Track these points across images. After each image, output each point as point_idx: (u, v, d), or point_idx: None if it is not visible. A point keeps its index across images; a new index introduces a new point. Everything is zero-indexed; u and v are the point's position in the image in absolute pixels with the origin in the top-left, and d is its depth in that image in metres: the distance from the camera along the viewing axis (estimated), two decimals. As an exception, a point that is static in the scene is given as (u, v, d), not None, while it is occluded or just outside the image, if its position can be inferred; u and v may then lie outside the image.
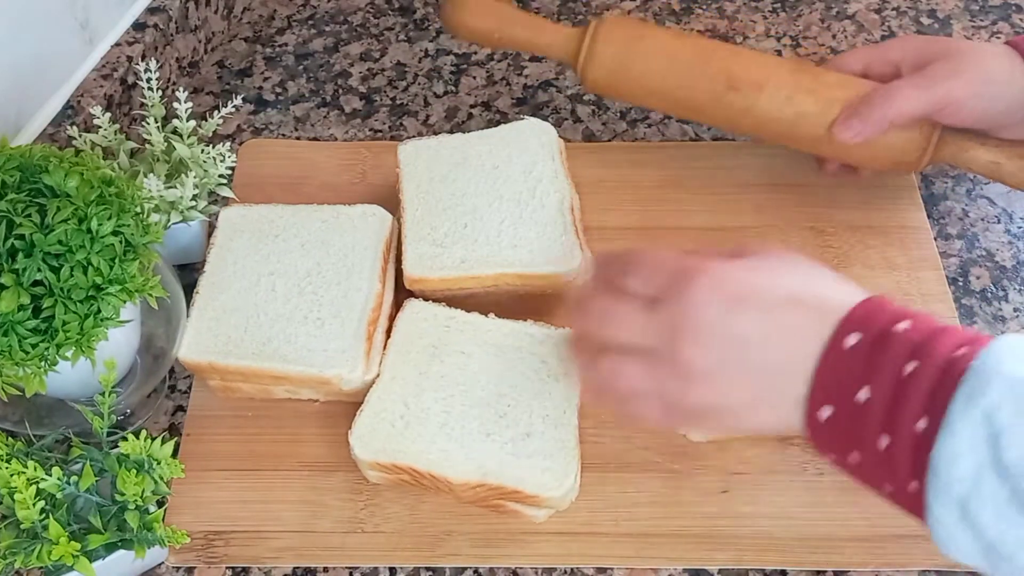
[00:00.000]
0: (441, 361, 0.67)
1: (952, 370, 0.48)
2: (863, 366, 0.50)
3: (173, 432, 0.71)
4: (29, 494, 0.58)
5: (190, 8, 0.91)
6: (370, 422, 0.65)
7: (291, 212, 0.74)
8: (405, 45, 0.96)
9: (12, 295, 0.56)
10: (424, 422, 0.65)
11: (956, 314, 0.76)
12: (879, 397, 0.49)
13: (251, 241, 0.72)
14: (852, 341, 0.51)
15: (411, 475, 0.64)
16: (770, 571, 0.65)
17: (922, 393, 0.48)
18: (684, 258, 0.57)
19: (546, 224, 0.72)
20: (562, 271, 0.71)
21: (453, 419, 0.65)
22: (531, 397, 0.65)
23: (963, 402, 0.47)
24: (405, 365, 0.67)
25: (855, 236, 0.81)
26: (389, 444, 0.64)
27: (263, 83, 0.93)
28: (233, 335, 0.68)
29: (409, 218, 0.73)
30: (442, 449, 0.64)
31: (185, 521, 0.66)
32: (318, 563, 0.66)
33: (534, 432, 0.64)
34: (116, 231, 0.60)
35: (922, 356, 0.49)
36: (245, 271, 0.71)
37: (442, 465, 0.63)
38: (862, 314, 0.52)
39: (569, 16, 0.99)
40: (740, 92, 0.76)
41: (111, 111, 0.81)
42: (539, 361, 0.67)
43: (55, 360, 0.59)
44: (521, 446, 0.64)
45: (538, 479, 0.62)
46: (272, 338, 0.68)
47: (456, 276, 0.71)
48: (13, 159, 0.60)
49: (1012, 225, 0.83)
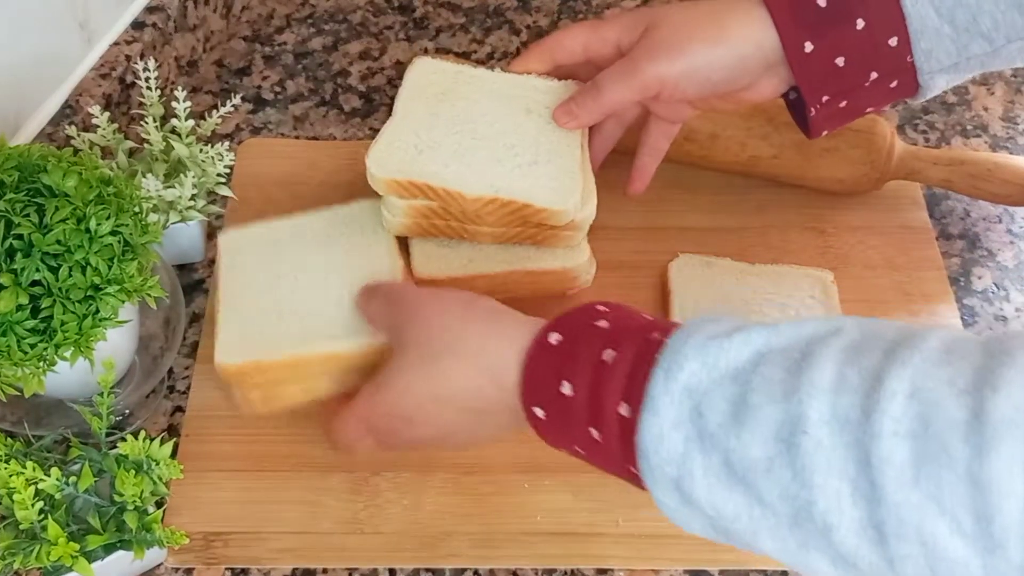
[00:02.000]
0: (451, 104, 0.70)
1: (647, 351, 0.48)
2: (563, 360, 0.51)
3: (172, 433, 0.71)
4: (28, 494, 0.58)
5: (189, 7, 0.91)
6: (386, 148, 0.68)
7: (289, 225, 0.71)
8: (405, 44, 0.96)
9: (10, 295, 0.56)
10: (437, 150, 0.68)
11: (958, 314, 0.76)
12: (581, 387, 0.50)
13: (257, 255, 0.70)
14: (554, 339, 0.52)
15: (426, 195, 0.67)
16: (771, 572, 0.65)
17: (620, 377, 0.48)
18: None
19: None
20: (570, 266, 0.71)
21: (464, 148, 0.68)
22: (536, 133, 0.69)
23: (662, 379, 0.47)
24: (416, 107, 0.70)
25: (855, 236, 0.81)
26: (404, 166, 0.67)
27: (262, 82, 0.93)
28: (268, 329, 0.65)
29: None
30: (455, 172, 0.67)
31: (184, 522, 0.66)
32: (318, 564, 0.65)
33: (540, 160, 0.68)
34: (115, 231, 0.59)
35: (617, 344, 0.50)
36: (261, 276, 0.68)
37: (457, 183, 0.66)
38: (565, 316, 0.54)
39: (570, 15, 0.99)
40: (696, 143, 0.80)
41: (110, 110, 0.80)
42: (544, 107, 0.70)
43: (54, 360, 0.59)
44: (528, 170, 0.67)
45: (546, 195, 0.66)
46: (310, 321, 0.65)
47: (464, 275, 0.71)
48: (11, 159, 0.60)
49: (1014, 225, 0.83)
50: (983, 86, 0.92)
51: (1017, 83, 0.93)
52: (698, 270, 0.77)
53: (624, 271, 0.78)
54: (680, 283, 0.76)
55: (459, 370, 0.55)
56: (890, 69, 0.64)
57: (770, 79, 0.66)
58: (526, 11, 0.99)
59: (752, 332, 0.47)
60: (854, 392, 0.43)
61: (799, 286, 0.76)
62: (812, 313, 0.74)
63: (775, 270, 0.77)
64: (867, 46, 0.63)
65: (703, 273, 0.77)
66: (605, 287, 0.77)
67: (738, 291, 0.76)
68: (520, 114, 0.70)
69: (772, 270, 0.77)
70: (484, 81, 0.72)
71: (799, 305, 0.75)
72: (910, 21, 0.62)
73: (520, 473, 0.68)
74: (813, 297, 0.75)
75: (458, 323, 0.56)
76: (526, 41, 0.96)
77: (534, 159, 0.68)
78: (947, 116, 0.90)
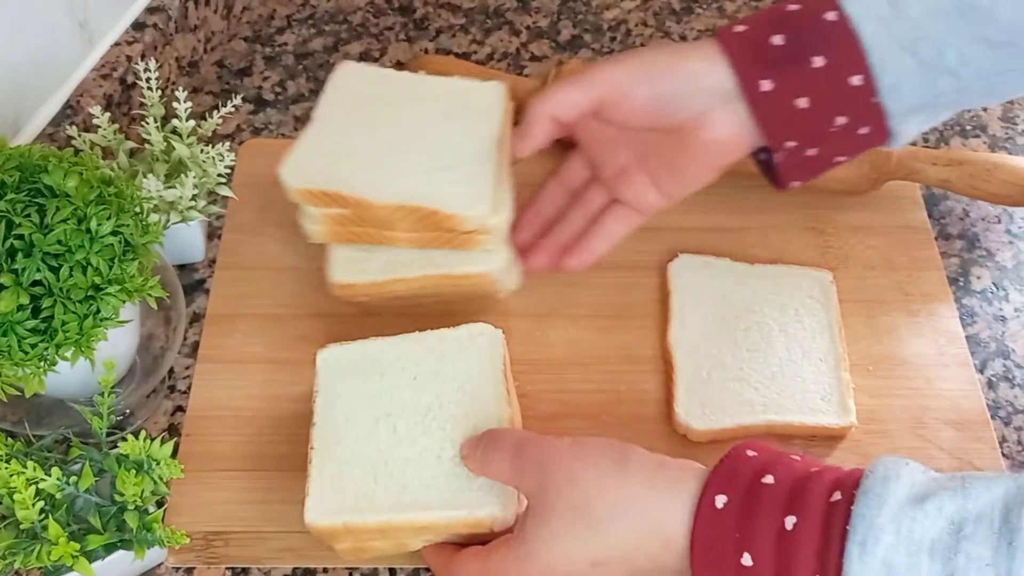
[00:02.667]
0: (371, 110, 0.71)
1: (834, 519, 0.47)
2: (738, 528, 0.49)
3: (172, 432, 0.71)
4: (28, 494, 0.58)
5: (189, 8, 0.91)
6: (300, 157, 0.68)
7: (393, 345, 0.67)
8: (405, 45, 0.96)
9: (11, 295, 0.56)
10: (351, 157, 0.69)
11: (957, 314, 0.76)
12: (764, 560, 0.48)
13: (356, 383, 0.65)
14: (721, 503, 0.50)
15: (339, 203, 0.67)
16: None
17: (809, 551, 0.47)
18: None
19: None
20: (488, 271, 0.70)
21: (378, 155, 0.69)
22: (452, 138, 0.69)
23: (857, 555, 0.45)
24: (336, 113, 0.71)
25: (855, 236, 0.81)
26: (317, 175, 0.67)
27: (263, 83, 0.93)
28: (363, 489, 0.60)
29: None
30: (365, 179, 0.67)
31: (185, 521, 0.66)
32: (318, 563, 0.65)
33: (452, 165, 0.68)
34: (115, 231, 0.60)
35: (797, 509, 0.48)
36: (357, 416, 0.64)
37: (366, 190, 0.67)
38: (725, 473, 0.51)
39: (569, 16, 0.99)
40: None
41: (110, 111, 0.80)
42: (463, 110, 0.71)
43: (54, 360, 0.59)
44: (439, 176, 0.68)
45: (455, 201, 0.66)
46: (407, 485, 0.60)
47: (383, 280, 0.71)
48: (12, 159, 0.60)
49: (1012, 225, 0.83)
50: (983, 86, 0.92)
51: (1017, 83, 0.93)
52: (698, 271, 0.77)
53: (624, 271, 0.78)
54: (680, 284, 0.76)
55: (623, 535, 0.52)
56: (856, 112, 0.60)
57: (729, 115, 0.62)
58: (526, 12, 0.99)
59: (943, 498, 0.46)
60: None
61: (799, 286, 0.76)
62: (812, 314, 0.75)
63: (775, 270, 0.77)
64: (828, 85, 0.59)
65: (703, 274, 0.77)
66: (605, 287, 0.78)
67: (738, 291, 0.76)
68: (438, 119, 0.71)
69: (772, 270, 0.77)
70: (407, 86, 0.73)
71: (799, 305, 0.75)
72: (870, 53, 0.58)
73: (520, 473, 0.68)
74: (812, 297, 0.75)
75: (614, 484, 0.53)
76: (526, 42, 0.96)
77: (447, 164, 0.68)
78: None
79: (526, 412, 0.71)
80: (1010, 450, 0.71)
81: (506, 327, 0.66)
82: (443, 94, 0.72)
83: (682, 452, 0.69)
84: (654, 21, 0.98)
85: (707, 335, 0.74)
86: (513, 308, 0.76)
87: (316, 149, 0.69)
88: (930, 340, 0.75)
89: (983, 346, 0.76)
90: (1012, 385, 0.74)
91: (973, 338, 0.76)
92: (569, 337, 0.75)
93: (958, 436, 0.70)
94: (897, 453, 0.62)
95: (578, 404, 0.72)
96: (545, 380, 0.73)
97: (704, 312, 0.75)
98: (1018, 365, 0.75)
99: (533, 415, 0.71)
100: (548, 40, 0.97)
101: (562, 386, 0.73)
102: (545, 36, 0.97)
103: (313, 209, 0.69)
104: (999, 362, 0.75)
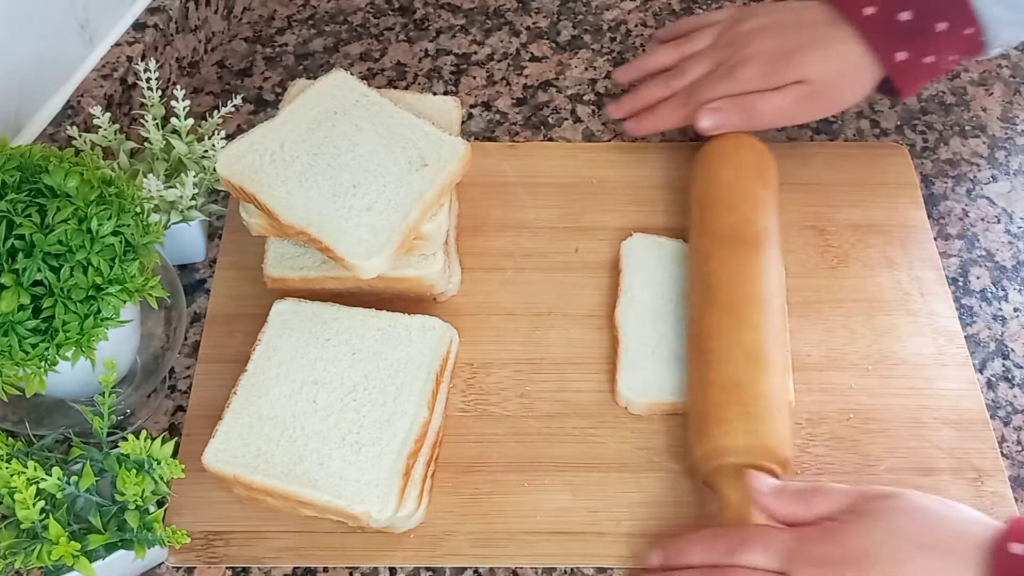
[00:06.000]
0: (333, 125, 0.71)
1: None
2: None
3: (173, 432, 0.71)
4: (29, 494, 0.58)
5: (190, 8, 0.91)
6: (242, 148, 0.69)
7: (346, 315, 0.69)
8: (405, 45, 0.96)
9: (12, 295, 0.56)
10: (286, 165, 0.69)
11: (956, 314, 0.77)
12: None
13: (299, 343, 0.67)
14: (1017, 549, 0.51)
15: (255, 204, 0.68)
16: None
17: None
18: (799, 535, 0.57)
19: None
20: (423, 274, 0.71)
21: (312, 172, 0.68)
22: (390, 181, 0.68)
23: None
24: (301, 117, 0.71)
25: (855, 236, 0.81)
26: (247, 170, 0.68)
27: (263, 83, 0.93)
28: (264, 448, 0.63)
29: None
30: (285, 192, 0.67)
31: (185, 521, 0.66)
32: (318, 563, 0.66)
33: (374, 208, 0.67)
34: (116, 231, 0.60)
35: None
36: (287, 376, 0.66)
37: (279, 204, 0.67)
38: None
39: (569, 16, 0.99)
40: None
41: (111, 111, 0.81)
42: (422, 156, 0.70)
43: (55, 360, 0.59)
44: (355, 214, 0.67)
45: (352, 245, 0.65)
46: (304, 458, 0.62)
47: (316, 276, 0.71)
48: (13, 159, 0.60)
49: (1012, 225, 0.83)
50: (981, 86, 0.93)
51: (1016, 83, 0.93)
52: (650, 249, 0.78)
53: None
54: (630, 261, 0.77)
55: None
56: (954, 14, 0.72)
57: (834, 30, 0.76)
58: (526, 12, 0.99)
59: None
60: None
61: None
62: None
63: None
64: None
65: (654, 253, 0.78)
66: (605, 287, 0.78)
67: (683, 271, 0.77)
68: (391, 155, 0.70)
69: None
70: (381, 112, 0.72)
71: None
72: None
73: (520, 472, 0.68)
74: None
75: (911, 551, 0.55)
76: (526, 42, 0.96)
77: (369, 205, 0.67)
78: (945, 117, 0.90)
79: (526, 412, 0.71)
80: (1009, 450, 0.71)
81: (506, 327, 0.66)
82: (408, 133, 0.71)
83: (682, 451, 0.69)
84: (654, 21, 0.98)
85: (655, 313, 0.74)
86: (513, 308, 0.76)
87: (258, 147, 0.69)
88: (929, 340, 0.75)
89: (982, 346, 0.76)
90: (1011, 385, 0.74)
91: (972, 338, 0.76)
92: (570, 337, 0.75)
93: (957, 436, 0.70)
94: (896, 452, 0.62)
95: (578, 404, 0.72)
96: (545, 380, 0.73)
97: (652, 290, 0.76)
98: (1017, 365, 0.75)
99: (533, 415, 0.71)
100: (548, 40, 0.97)
101: (562, 386, 0.73)
102: (545, 36, 0.97)
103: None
104: (998, 362, 0.75)
